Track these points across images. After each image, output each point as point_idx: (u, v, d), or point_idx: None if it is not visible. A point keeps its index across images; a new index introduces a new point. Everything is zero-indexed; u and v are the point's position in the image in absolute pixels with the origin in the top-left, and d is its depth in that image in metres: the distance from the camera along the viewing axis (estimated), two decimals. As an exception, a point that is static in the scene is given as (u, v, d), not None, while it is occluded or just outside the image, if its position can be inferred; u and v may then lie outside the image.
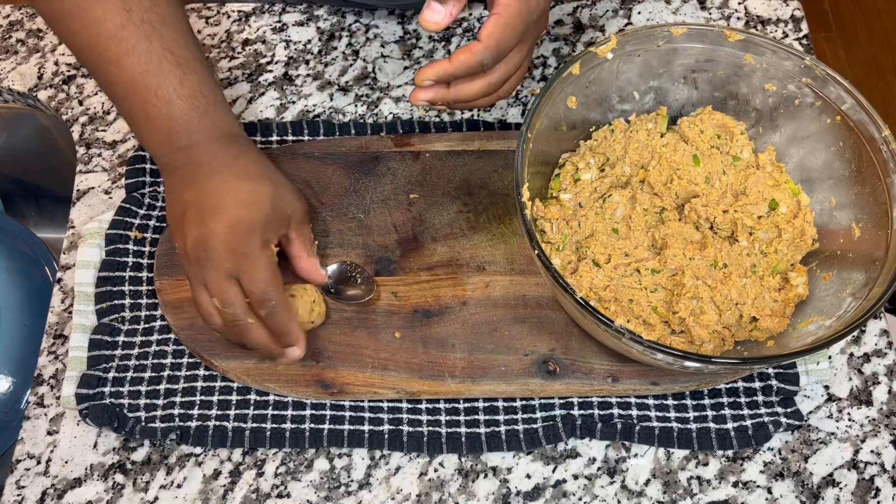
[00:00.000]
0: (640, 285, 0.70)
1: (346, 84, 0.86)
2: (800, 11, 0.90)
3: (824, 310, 0.66)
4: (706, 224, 0.72)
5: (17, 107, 0.90)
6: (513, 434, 0.68)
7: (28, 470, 0.69)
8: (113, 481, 0.68)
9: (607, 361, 0.70)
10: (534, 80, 0.86)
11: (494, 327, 0.72)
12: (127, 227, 0.76)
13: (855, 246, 0.68)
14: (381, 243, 0.75)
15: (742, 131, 0.74)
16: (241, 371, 0.70)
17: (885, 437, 0.69)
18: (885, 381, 0.72)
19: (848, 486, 0.68)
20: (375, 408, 0.70)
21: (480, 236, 0.76)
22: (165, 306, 0.72)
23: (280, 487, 0.68)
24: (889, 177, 0.66)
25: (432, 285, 0.73)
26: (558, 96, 0.70)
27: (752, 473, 0.68)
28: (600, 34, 0.89)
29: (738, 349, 0.68)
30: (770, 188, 0.72)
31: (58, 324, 0.75)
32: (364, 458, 0.69)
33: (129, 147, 0.82)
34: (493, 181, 0.78)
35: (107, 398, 0.69)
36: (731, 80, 0.74)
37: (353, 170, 0.78)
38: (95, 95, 0.85)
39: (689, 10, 0.90)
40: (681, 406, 0.70)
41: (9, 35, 0.89)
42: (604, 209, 0.72)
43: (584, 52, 0.70)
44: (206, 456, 0.69)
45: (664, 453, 0.69)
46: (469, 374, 0.70)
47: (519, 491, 0.67)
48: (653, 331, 0.68)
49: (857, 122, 0.68)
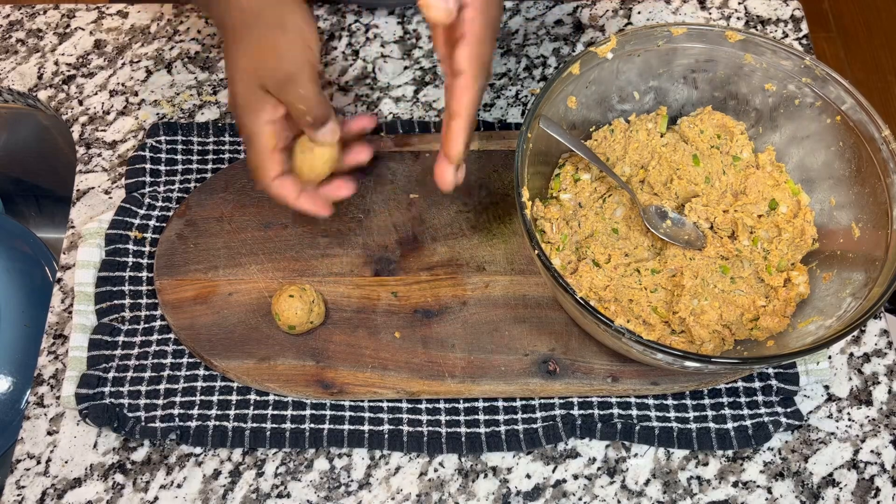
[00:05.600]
0: (640, 285, 0.70)
1: (346, 84, 0.86)
2: (800, 11, 0.90)
3: (824, 310, 0.66)
4: (706, 224, 0.72)
5: (17, 107, 0.90)
6: (513, 434, 0.68)
7: (28, 470, 0.69)
8: (113, 481, 0.68)
9: (607, 361, 0.70)
10: (534, 80, 0.86)
11: (494, 327, 0.72)
12: (127, 227, 0.76)
13: (855, 246, 0.68)
14: (381, 243, 0.75)
15: (742, 131, 0.75)
16: (241, 371, 0.70)
17: (885, 436, 0.69)
18: (885, 381, 0.72)
19: (848, 485, 0.68)
20: (375, 408, 0.70)
21: (480, 236, 0.76)
22: (165, 306, 0.72)
23: (280, 487, 0.68)
24: (889, 177, 0.66)
25: (432, 285, 0.73)
26: (558, 96, 0.70)
27: (752, 473, 0.68)
28: (600, 34, 0.89)
29: (738, 349, 0.68)
30: (770, 188, 0.72)
31: (58, 324, 0.75)
32: (364, 458, 0.69)
33: (129, 147, 0.82)
34: (492, 181, 0.78)
35: (107, 398, 0.69)
36: (731, 80, 0.74)
37: (353, 170, 0.78)
38: (95, 95, 0.85)
39: (689, 10, 0.90)
40: (681, 406, 0.70)
41: (9, 35, 0.89)
42: (604, 209, 0.72)
43: (584, 52, 0.70)
44: (206, 456, 0.69)
45: (664, 453, 0.69)
46: (469, 373, 0.70)
47: (519, 491, 0.67)
48: (653, 331, 0.68)
49: (857, 122, 0.68)
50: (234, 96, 0.64)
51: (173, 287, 0.73)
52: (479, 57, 0.58)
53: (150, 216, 0.77)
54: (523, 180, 0.65)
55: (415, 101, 0.84)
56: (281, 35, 0.62)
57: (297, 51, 0.61)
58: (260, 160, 0.65)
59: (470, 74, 0.58)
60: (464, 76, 0.58)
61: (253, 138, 0.64)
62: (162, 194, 0.78)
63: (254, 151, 0.65)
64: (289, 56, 0.61)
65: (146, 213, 0.77)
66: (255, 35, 0.62)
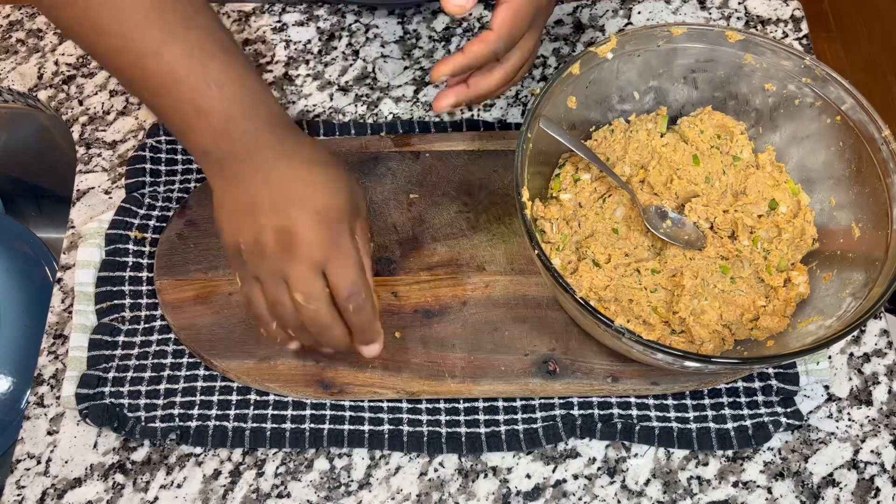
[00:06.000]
0: (640, 285, 0.70)
1: (346, 84, 0.86)
2: (800, 11, 0.90)
3: (824, 310, 0.66)
4: (706, 224, 0.72)
5: (17, 107, 0.90)
6: (513, 434, 0.68)
7: (28, 470, 0.69)
8: (113, 481, 0.68)
9: (607, 361, 0.70)
10: (534, 80, 0.86)
11: (494, 327, 0.72)
12: (127, 227, 0.76)
13: (855, 246, 0.68)
14: (381, 243, 0.75)
15: (742, 131, 0.75)
16: (241, 371, 0.70)
17: (885, 436, 0.69)
18: (885, 381, 0.72)
19: (848, 486, 0.68)
20: (375, 408, 0.70)
21: (480, 236, 0.76)
22: (165, 306, 0.72)
23: (280, 487, 0.68)
24: (889, 177, 0.66)
25: (432, 285, 0.73)
26: (558, 96, 0.70)
27: (752, 473, 0.68)
28: (600, 34, 0.89)
29: (738, 349, 0.68)
30: (770, 188, 0.72)
31: (58, 324, 0.75)
32: (364, 458, 0.69)
33: (129, 147, 0.82)
34: (493, 181, 0.78)
35: (107, 398, 0.69)
36: (731, 80, 0.74)
37: (353, 170, 0.78)
38: (95, 95, 0.85)
39: (689, 10, 0.90)
40: (681, 406, 0.70)
41: (9, 35, 0.89)
42: (604, 209, 0.72)
43: (584, 52, 0.70)
44: (206, 456, 0.69)
45: (664, 453, 0.69)
46: (469, 373, 0.70)
47: (519, 491, 0.67)
48: (653, 331, 0.68)
49: (857, 122, 0.68)
50: (301, 227, 0.59)
51: (173, 287, 0.73)
52: (510, 22, 0.59)
53: (150, 216, 0.77)
54: (523, 180, 0.65)
55: (415, 101, 0.84)
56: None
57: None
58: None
59: (494, 34, 0.59)
60: (487, 32, 0.60)
61: (348, 252, 0.60)
62: (162, 194, 0.78)
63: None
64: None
65: (146, 213, 0.77)
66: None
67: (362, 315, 0.61)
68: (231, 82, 0.60)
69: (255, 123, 0.60)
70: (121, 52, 0.59)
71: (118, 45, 0.59)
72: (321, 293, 0.59)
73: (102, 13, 0.58)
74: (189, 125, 0.60)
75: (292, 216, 0.58)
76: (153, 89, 0.60)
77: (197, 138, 0.61)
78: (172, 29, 0.59)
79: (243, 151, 0.60)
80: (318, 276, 0.59)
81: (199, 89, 0.59)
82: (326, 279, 0.59)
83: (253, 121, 0.60)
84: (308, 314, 0.59)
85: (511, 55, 0.63)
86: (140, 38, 0.58)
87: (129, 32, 0.58)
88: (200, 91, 0.59)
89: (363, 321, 0.61)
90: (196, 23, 0.60)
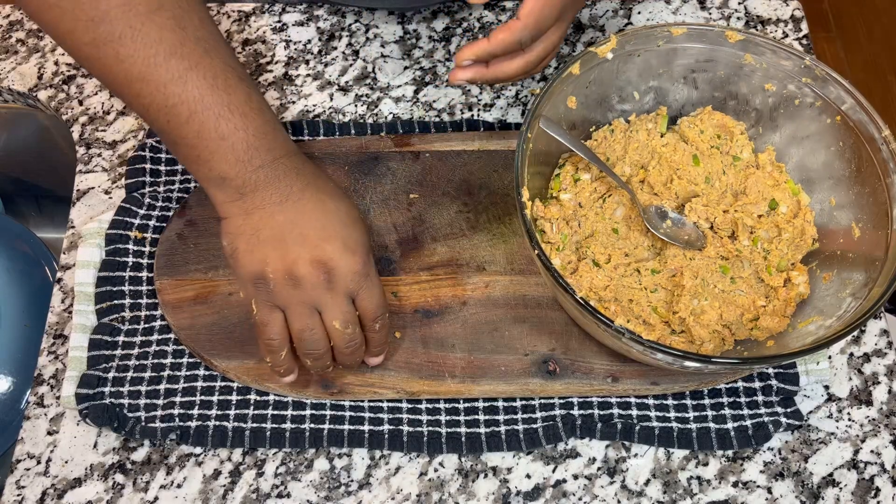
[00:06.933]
0: (640, 285, 0.70)
1: (346, 84, 0.86)
2: (800, 11, 0.90)
3: (824, 310, 0.66)
4: (706, 224, 0.72)
5: (17, 107, 0.90)
6: (513, 434, 0.68)
7: (28, 470, 0.69)
8: (113, 481, 0.68)
9: (607, 361, 0.70)
10: (534, 80, 0.86)
11: (494, 327, 0.72)
12: (127, 227, 0.76)
13: (855, 246, 0.68)
14: (381, 243, 0.75)
15: (742, 131, 0.75)
16: (241, 371, 0.70)
17: (885, 436, 0.69)
18: (885, 381, 0.72)
19: (848, 486, 0.68)
20: (375, 408, 0.70)
21: (480, 236, 0.76)
22: (165, 306, 0.72)
23: (280, 487, 0.68)
24: (889, 177, 0.66)
25: (432, 285, 0.73)
26: (558, 96, 0.70)
27: (752, 473, 0.68)
28: (600, 34, 0.89)
29: (738, 349, 0.68)
30: (770, 188, 0.72)
31: (58, 324, 0.75)
32: (364, 458, 0.69)
33: (129, 147, 0.82)
34: (493, 181, 0.78)
35: (107, 398, 0.69)
36: (731, 80, 0.74)
37: (353, 170, 0.78)
38: (95, 95, 0.85)
39: (689, 10, 0.90)
40: (681, 406, 0.70)
41: (9, 35, 0.89)
42: (604, 209, 0.72)
43: (584, 52, 0.70)
44: (206, 456, 0.69)
45: (664, 453, 0.69)
46: (469, 373, 0.70)
47: (519, 491, 0.67)
48: (653, 331, 0.68)
49: (856, 122, 0.68)
50: (337, 261, 0.63)
51: (173, 287, 0.73)
52: (538, 13, 0.62)
53: (150, 216, 0.77)
54: (523, 180, 0.65)
55: (415, 101, 0.84)
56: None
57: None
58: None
59: (521, 23, 0.62)
60: (514, 21, 0.62)
61: (376, 280, 0.65)
62: (162, 194, 0.78)
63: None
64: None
65: (146, 213, 0.77)
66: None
67: (384, 332, 0.67)
68: (253, 112, 0.62)
69: (274, 153, 0.63)
70: (144, 81, 0.60)
71: (142, 74, 0.60)
72: (355, 318, 0.64)
73: (126, 38, 0.59)
74: (211, 151, 0.61)
75: (328, 250, 0.62)
76: (177, 116, 0.60)
77: (218, 165, 0.62)
78: (197, 59, 0.60)
79: (265, 179, 0.62)
80: (350, 303, 0.64)
81: (223, 116, 0.61)
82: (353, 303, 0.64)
83: (272, 150, 0.63)
84: (344, 339, 0.64)
85: (535, 45, 0.65)
86: (164, 66, 0.59)
87: (151, 60, 0.59)
88: (223, 118, 0.61)
89: (382, 337, 0.67)
90: (217, 54, 0.62)
